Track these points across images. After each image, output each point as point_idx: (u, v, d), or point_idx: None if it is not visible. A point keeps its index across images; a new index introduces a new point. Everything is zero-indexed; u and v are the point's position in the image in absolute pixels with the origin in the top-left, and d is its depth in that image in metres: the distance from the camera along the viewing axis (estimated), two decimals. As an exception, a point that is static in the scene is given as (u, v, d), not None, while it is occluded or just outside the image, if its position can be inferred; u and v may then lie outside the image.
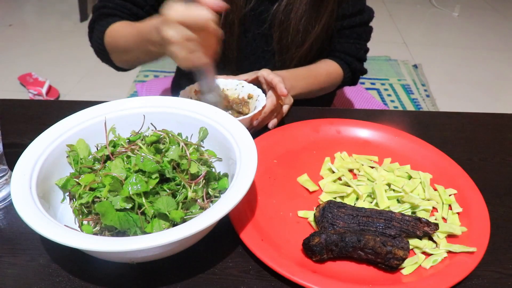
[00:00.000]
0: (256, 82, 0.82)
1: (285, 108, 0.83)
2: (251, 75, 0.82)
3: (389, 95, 2.37)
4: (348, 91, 1.30)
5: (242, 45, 0.93)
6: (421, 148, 0.75)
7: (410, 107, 2.26)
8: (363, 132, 0.79)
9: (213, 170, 0.61)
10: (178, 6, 0.60)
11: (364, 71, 1.04)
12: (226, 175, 0.60)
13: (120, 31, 0.84)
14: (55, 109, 0.85)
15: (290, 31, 0.89)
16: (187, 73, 1.05)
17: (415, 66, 2.65)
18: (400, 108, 2.23)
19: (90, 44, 0.93)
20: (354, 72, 1.01)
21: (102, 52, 0.89)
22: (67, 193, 0.58)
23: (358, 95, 1.29)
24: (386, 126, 0.79)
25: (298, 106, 0.87)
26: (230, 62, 0.94)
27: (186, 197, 0.55)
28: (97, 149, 0.61)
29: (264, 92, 0.80)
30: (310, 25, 0.89)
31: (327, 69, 0.97)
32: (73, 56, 2.58)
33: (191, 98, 0.79)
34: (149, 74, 2.43)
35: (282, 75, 0.86)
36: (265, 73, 0.80)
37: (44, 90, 2.18)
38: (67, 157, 0.60)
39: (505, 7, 3.61)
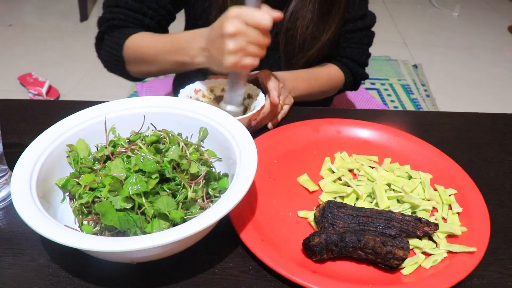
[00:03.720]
0: (257, 82, 0.82)
1: (286, 108, 0.83)
2: (251, 75, 0.82)
3: (389, 95, 2.37)
4: (348, 91, 1.30)
5: None
6: (421, 148, 0.75)
7: (410, 107, 2.26)
8: (363, 132, 0.79)
9: (213, 170, 0.61)
10: (243, 8, 0.65)
11: (366, 76, 1.04)
12: (226, 175, 0.60)
13: (146, 41, 0.83)
14: (55, 109, 0.85)
15: (297, 38, 0.89)
16: (187, 73, 1.06)
17: (415, 66, 2.66)
18: (400, 108, 2.23)
19: (98, 55, 0.92)
20: (355, 76, 1.01)
21: (115, 63, 0.89)
22: (67, 193, 0.58)
23: (358, 95, 1.29)
24: (386, 126, 0.79)
25: (298, 106, 0.87)
26: None
27: (186, 197, 0.55)
28: (97, 149, 0.61)
29: (264, 92, 0.80)
30: (317, 32, 0.89)
31: (328, 73, 0.97)
32: (73, 56, 2.58)
33: (190, 97, 0.80)
34: (149, 74, 2.43)
35: (284, 76, 0.86)
36: (263, 75, 0.79)
37: (44, 90, 2.19)
38: (67, 157, 0.60)
39: (505, 7, 3.61)
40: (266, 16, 0.64)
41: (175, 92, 1.17)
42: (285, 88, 0.83)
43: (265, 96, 0.78)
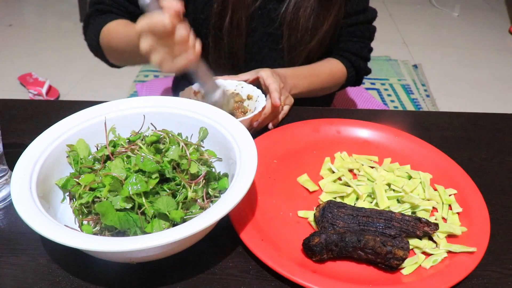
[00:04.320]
0: (257, 82, 0.82)
1: (286, 108, 0.83)
2: (252, 74, 0.82)
3: (389, 95, 2.37)
4: (348, 91, 1.30)
5: (249, 44, 0.93)
6: (421, 148, 0.75)
7: (410, 107, 2.26)
8: (363, 132, 0.79)
9: (213, 170, 0.61)
10: (141, 19, 0.61)
11: (368, 71, 1.04)
12: (226, 175, 0.60)
13: (115, 31, 0.84)
14: (55, 109, 0.85)
15: (299, 29, 0.89)
16: (187, 74, 1.05)
17: (415, 66, 2.66)
18: (400, 108, 2.23)
19: (84, 38, 0.93)
20: (358, 71, 1.01)
21: (96, 48, 0.90)
22: (67, 193, 0.58)
23: (358, 95, 1.29)
24: (386, 126, 0.79)
25: (298, 106, 0.87)
26: (238, 61, 0.94)
27: (186, 197, 0.55)
28: (97, 149, 0.61)
29: (264, 92, 0.80)
30: (318, 22, 0.89)
31: (330, 68, 0.97)
32: (73, 56, 2.58)
33: (190, 99, 0.79)
34: (149, 74, 2.43)
35: (285, 74, 0.86)
36: (264, 75, 0.79)
37: (44, 90, 2.18)
38: (67, 157, 0.60)
39: (505, 7, 3.61)
40: (161, 17, 0.59)
41: (174, 92, 1.17)
42: (285, 88, 0.83)
43: (265, 96, 0.78)
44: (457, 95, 2.40)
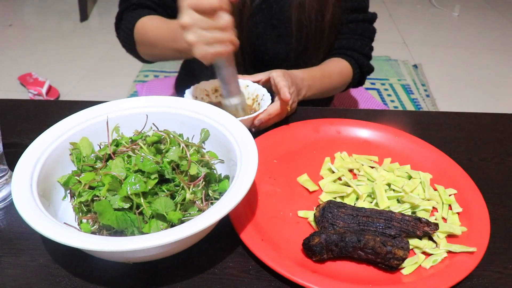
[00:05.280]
0: (270, 83, 0.81)
1: (294, 105, 0.83)
2: (266, 75, 0.82)
3: (389, 95, 2.36)
4: (348, 91, 1.30)
5: (253, 38, 0.94)
6: (421, 148, 0.75)
7: (410, 107, 2.26)
8: (363, 132, 0.79)
9: (214, 172, 0.61)
10: None
11: (372, 68, 1.04)
12: (227, 177, 0.60)
13: (151, 25, 0.84)
14: (55, 109, 0.85)
15: (307, 8, 0.90)
16: (192, 72, 1.06)
17: (415, 66, 2.65)
18: (400, 108, 2.23)
19: (117, 34, 0.94)
20: (361, 68, 1.01)
21: (129, 44, 0.90)
22: (68, 191, 0.58)
23: (358, 95, 1.29)
24: (386, 126, 0.79)
25: (299, 106, 0.87)
26: (244, 55, 0.95)
27: (184, 199, 0.54)
28: (100, 147, 0.61)
29: (273, 93, 0.79)
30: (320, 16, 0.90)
31: (339, 68, 0.98)
32: (73, 56, 2.58)
33: (196, 97, 0.79)
34: (149, 74, 2.43)
35: (302, 76, 0.86)
36: (275, 74, 0.79)
37: (44, 90, 2.18)
38: (70, 155, 0.59)
39: (505, 7, 3.61)
40: None
41: (177, 92, 1.17)
42: (295, 93, 0.82)
43: (271, 96, 0.78)
44: (457, 95, 2.40)
